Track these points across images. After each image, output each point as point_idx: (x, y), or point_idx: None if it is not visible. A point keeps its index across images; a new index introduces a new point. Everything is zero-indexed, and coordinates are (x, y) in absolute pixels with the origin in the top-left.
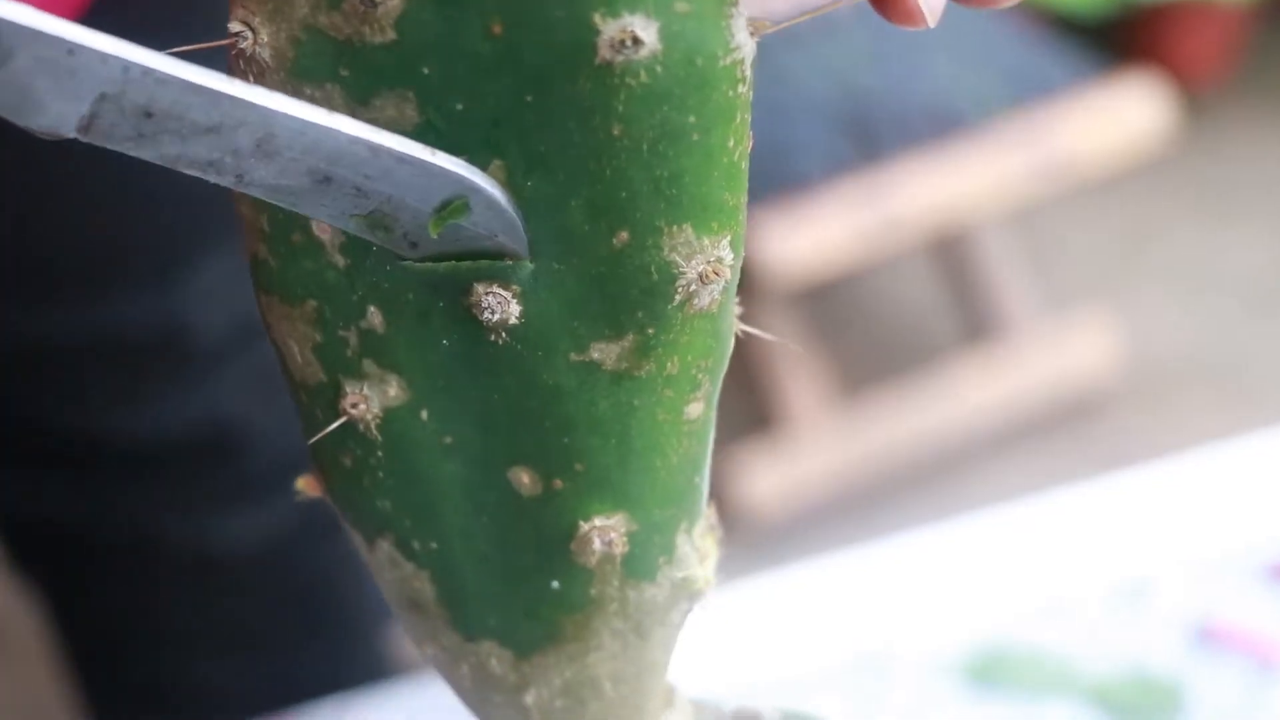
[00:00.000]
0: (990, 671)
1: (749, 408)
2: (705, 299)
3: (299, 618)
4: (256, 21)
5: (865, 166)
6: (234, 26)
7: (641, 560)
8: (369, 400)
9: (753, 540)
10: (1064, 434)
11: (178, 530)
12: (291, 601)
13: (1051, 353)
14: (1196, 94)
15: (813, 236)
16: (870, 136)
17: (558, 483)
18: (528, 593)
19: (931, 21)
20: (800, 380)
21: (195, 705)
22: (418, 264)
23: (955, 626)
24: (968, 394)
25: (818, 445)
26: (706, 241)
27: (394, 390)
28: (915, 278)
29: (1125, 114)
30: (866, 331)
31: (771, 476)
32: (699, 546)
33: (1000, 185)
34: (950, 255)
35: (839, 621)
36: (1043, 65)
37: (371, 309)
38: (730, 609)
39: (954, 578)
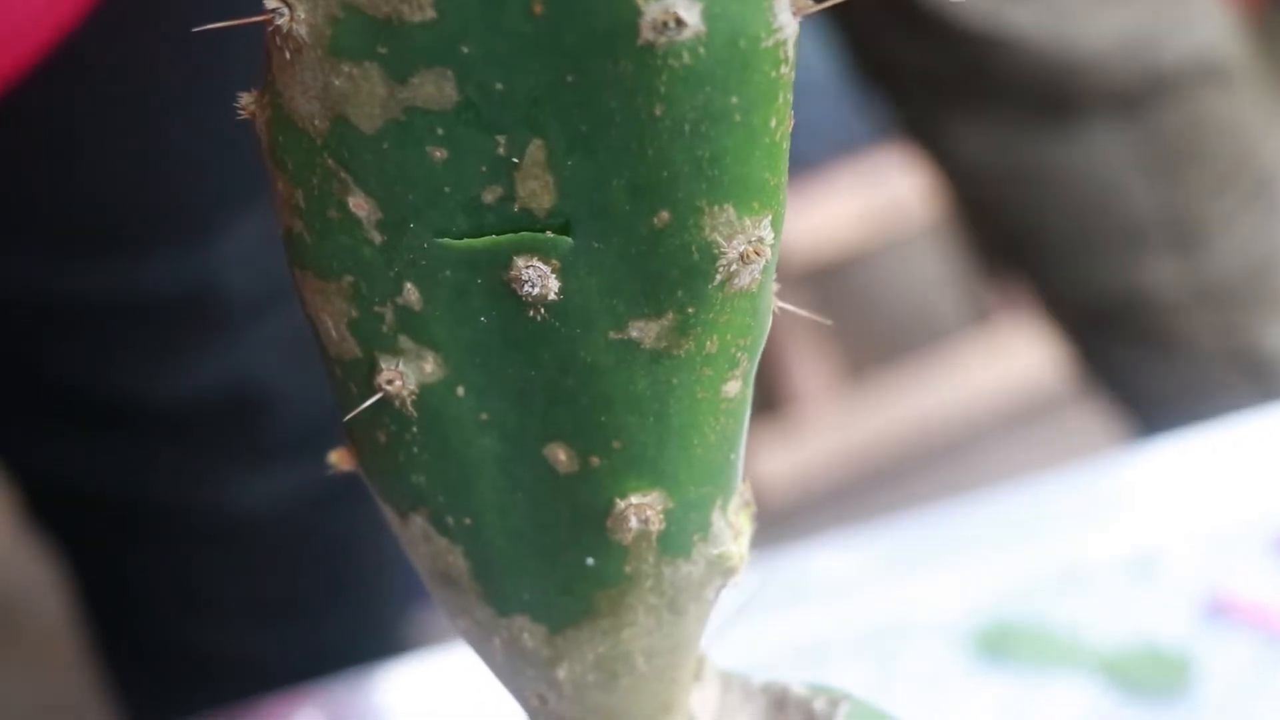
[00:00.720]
0: (1000, 644)
1: (755, 389)
2: (746, 278)
3: (323, 584)
4: None
5: (871, 147)
6: (270, 3)
7: (677, 537)
8: (405, 376)
9: (759, 521)
10: (1071, 415)
11: (203, 493)
12: (316, 567)
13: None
14: None
15: (819, 217)
16: (876, 118)
17: (595, 460)
18: (562, 569)
19: None
20: (807, 361)
21: (216, 672)
22: (456, 241)
23: (966, 600)
24: (974, 375)
25: (824, 426)
26: (748, 221)
27: (430, 366)
28: (921, 259)
29: None
30: (873, 313)
31: (778, 458)
32: (733, 523)
33: None
34: (956, 236)
35: (852, 595)
36: None
37: (408, 285)
38: (743, 583)
39: (964, 552)
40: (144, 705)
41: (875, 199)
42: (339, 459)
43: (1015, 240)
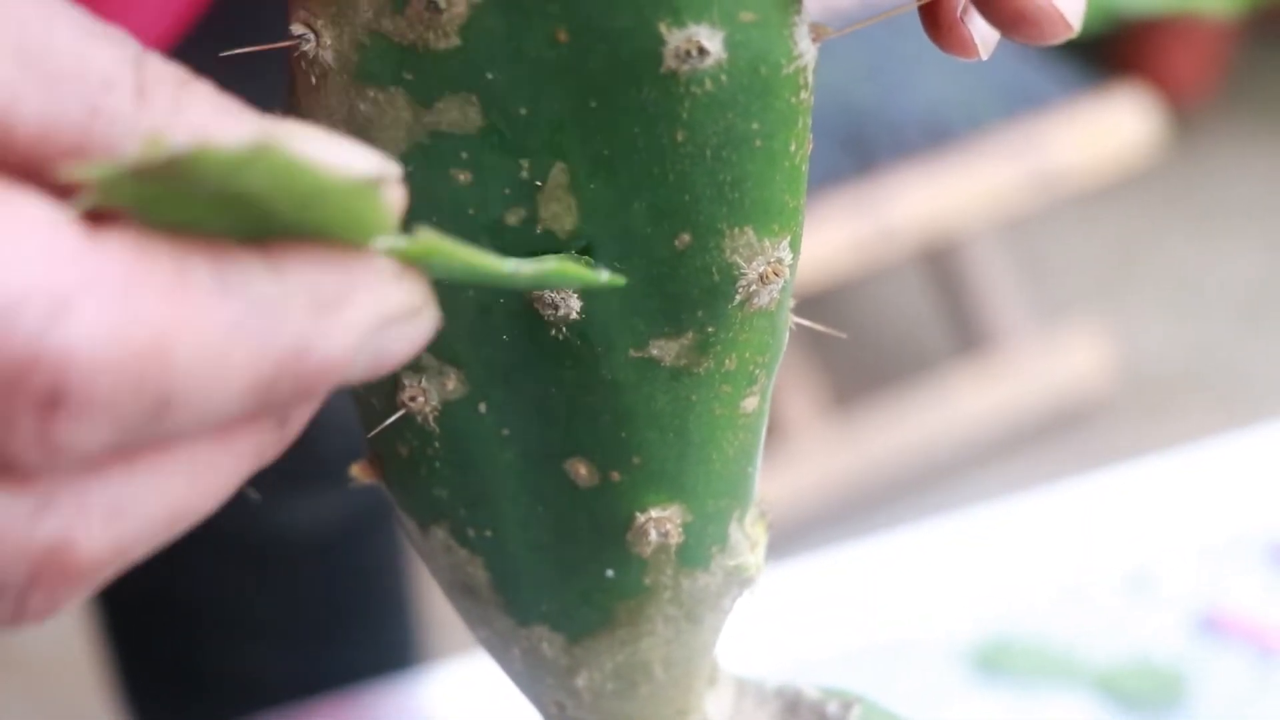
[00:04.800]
0: (998, 660)
1: None
2: (765, 298)
3: (349, 611)
4: (319, 25)
5: (859, 178)
6: (296, 29)
7: (696, 549)
8: (428, 393)
9: None
10: (1056, 444)
11: (239, 512)
12: (341, 591)
13: (1043, 363)
14: (1185, 107)
15: (808, 246)
16: (864, 148)
17: (615, 475)
18: (582, 580)
19: (984, 54)
20: (795, 389)
21: (234, 693)
22: None
23: (963, 616)
24: (961, 404)
25: (812, 454)
26: (767, 243)
27: (453, 383)
28: (908, 288)
29: (1115, 127)
30: (860, 341)
31: (767, 483)
32: (750, 534)
33: (992, 197)
34: (943, 266)
35: (850, 611)
36: (1034, 78)
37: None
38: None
39: (962, 569)
40: None
41: (862, 229)
42: (360, 472)
43: None
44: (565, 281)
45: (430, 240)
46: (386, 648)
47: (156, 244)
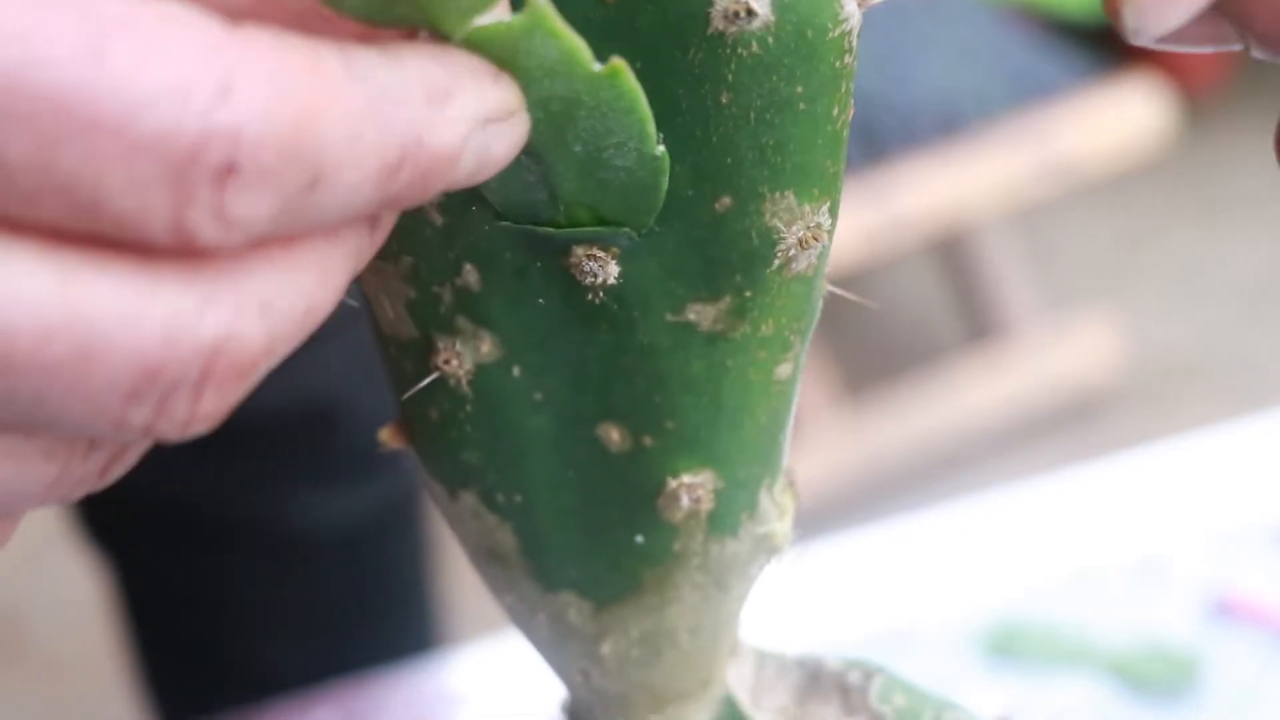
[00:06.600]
0: (1010, 644)
1: None
2: (803, 263)
3: (368, 603)
4: None
5: (868, 167)
6: None
7: (726, 516)
8: (461, 356)
9: None
10: (1064, 433)
11: (267, 507)
12: (363, 586)
13: (1052, 352)
14: (1195, 97)
15: None
16: (873, 137)
17: (647, 440)
18: (611, 546)
19: None
20: (807, 378)
21: (249, 684)
22: (516, 224)
23: (976, 601)
24: (970, 393)
25: (824, 442)
26: (807, 208)
27: (487, 346)
28: (918, 277)
29: (1125, 116)
30: (871, 330)
31: None
32: (779, 502)
33: (1002, 186)
34: (953, 255)
35: (862, 597)
36: (1044, 67)
37: (467, 267)
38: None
39: (974, 554)
40: (175, 713)
41: (871, 218)
42: (388, 436)
43: None
44: (636, 109)
45: (540, 8)
46: (407, 642)
47: (289, 34)
